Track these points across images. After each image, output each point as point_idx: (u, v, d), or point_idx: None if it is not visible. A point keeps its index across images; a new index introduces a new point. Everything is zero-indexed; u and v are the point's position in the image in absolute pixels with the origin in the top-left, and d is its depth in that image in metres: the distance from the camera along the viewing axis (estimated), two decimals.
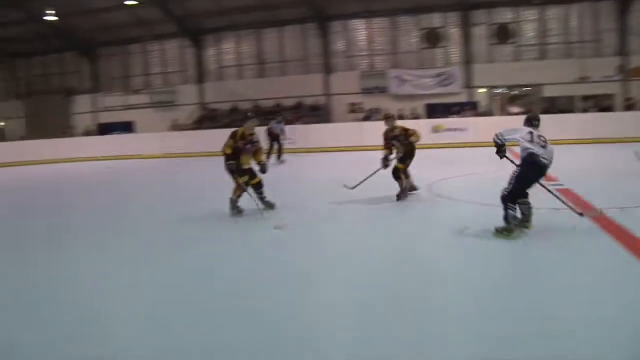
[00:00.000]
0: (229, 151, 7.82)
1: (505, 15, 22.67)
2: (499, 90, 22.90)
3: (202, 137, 20.75)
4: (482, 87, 22.52)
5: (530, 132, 6.00)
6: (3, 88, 30.60)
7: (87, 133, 26.09)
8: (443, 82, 22.49)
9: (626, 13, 21.31)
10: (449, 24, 23.14)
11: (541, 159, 5.89)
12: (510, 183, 5.97)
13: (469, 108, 21.08)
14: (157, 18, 24.95)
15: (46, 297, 4.75)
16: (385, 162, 8.56)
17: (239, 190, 7.97)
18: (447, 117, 20.48)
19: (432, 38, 23.15)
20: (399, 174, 8.53)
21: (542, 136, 6.01)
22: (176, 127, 24.16)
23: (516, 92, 22.99)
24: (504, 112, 21.81)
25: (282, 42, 25.39)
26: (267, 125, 16.83)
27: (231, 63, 26.28)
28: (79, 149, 22.98)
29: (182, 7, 24.58)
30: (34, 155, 22.10)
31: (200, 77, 26.39)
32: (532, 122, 6.22)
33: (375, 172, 8.80)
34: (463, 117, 20.26)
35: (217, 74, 26.53)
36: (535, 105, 21.31)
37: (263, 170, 8.10)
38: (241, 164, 7.90)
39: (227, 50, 26.43)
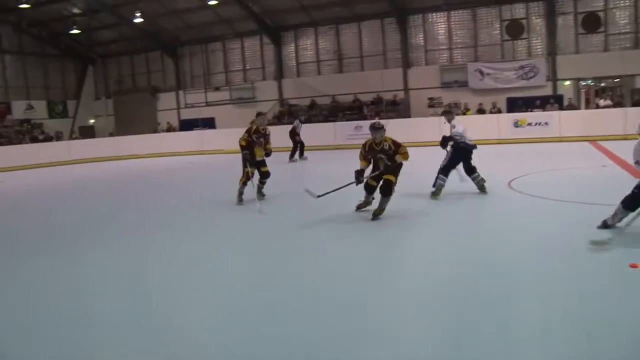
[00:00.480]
0: (244, 143, 9.38)
1: (594, 3, 22.05)
2: (586, 83, 22.32)
3: (282, 133, 21.52)
4: (568, 79, 22.07)
5: (463, 126, 9.00)
6: (94, 88, 32.85)
7: (169, 129, 27.63)
8: (526, 75, 22.38)
9: None
10: (533, 14, 22.89)
11: (470, 144, 8.88)
12: (446, 160, 8.87)
13: (553, 101, 20.75)
14: (238, 16, 26.23)
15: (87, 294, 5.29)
16: (360, 176, 7.67)
17: (245, 178, 9.44)
18: (529, 111, 20.32)
19: (515, 29, 23.03)
20: (391, 188, 7.57)
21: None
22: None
23: (604, 84, 22.31)
24: (591, 105, 21.23)
25: (361, 37, 25.97)
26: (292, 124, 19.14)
27: (310, 59, 27.19)
28: (164, 144, 24.55)
29: (261, 5, 25.66)
30: (122, 151, 23.79)
31: (280, 74, 27.32)
32: (453, 116, 9.30)
33: (346, 186, 7.97)
34: (546, 111, 19.98)
35: (295, 70, 27.33)
36: (625, 98, 20.73)
37: (267, 155, 9.71)
38: (254, 156, 9.48)
39: (305, 46, 27.33)
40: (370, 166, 7.82)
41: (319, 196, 7.90)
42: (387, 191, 7.54)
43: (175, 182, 15.26)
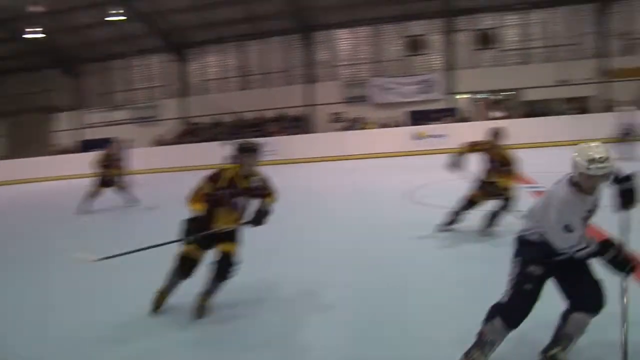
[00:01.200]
0: (102, 163, 11.70)
1: (487, 21, 23.66)
2: (481, 96, 23.65)
3: (184, 152, 21.53)
4: (465, 92, 23.43)
5: None
6: None
7: (65, 151, 26.79)
8: (426, 89, 23.50)
9: (605, 16, 22.42)
10: (432, 31, 24.21)
11: None
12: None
13: (450, 114, 21.90)
14: (142, 33, 26.04)
15: None
16: (193, 229, 4.62)
17: (94, 192, 11.71)
18: (428, 124, 21.34)
19: (415, 45, 24.17)
20: (231, 267, 4.77)
21: None
22: (159, 142, 24.88)
23: (498, 97, 23.73)
24: (486, 117, 22.46)
25: (266, 54, 26.41)
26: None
27: (215, 76, 27.24)
28: (61, 166, 23.76)
29: (166, 22, 25.53)
30: (15, 175, 22.82)
31: (184, 91, 27.22)
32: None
33: (162, 245, 4.85)
34: (445, 123, 21.00)
35: (200, 88, 27.33)
36: (517, 110, 22.15)
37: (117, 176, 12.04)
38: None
39: (210, 63, 27.46)
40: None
41: (94, 260, 4.82)
42: (224, 272, 4.75)
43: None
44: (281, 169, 19.29)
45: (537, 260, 3.39)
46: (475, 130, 19.82)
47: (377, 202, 10.62)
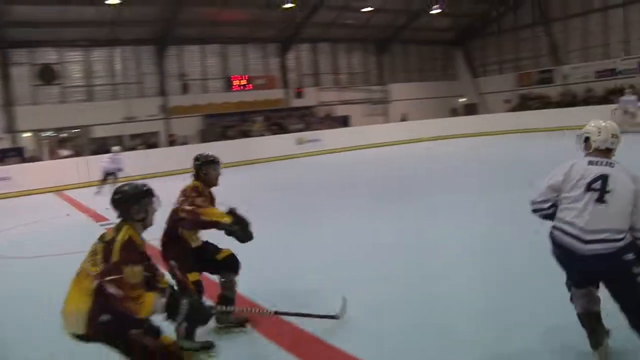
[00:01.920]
0: None
1: (49, 55, 23.05)
2: (47, 134, 22.82)
3: None
4: (28, 131, 22.23)
5: None
6: None
7: None
8: None
9: (163, 58, 24.36)
10: None
11: None
12: None
13: (14, 154, 20.36)
14: None
15: None
16: None
17: None
18: None
19: None
20: None
21: None
22: None
23: (65, 134, 23.34)
24: (54, 156, 21.71)
25: None
26: None
27: None
28: None
29: None
30: None
31: None
32: None
33: None
34: (7, 164, 19.38)
35: None
36: (84, 147, 22.06)
37: None
38: None
39: None
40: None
41: None
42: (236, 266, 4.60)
43: None
44: None
45: None
46: (44, 170, 19.12)
47: None
